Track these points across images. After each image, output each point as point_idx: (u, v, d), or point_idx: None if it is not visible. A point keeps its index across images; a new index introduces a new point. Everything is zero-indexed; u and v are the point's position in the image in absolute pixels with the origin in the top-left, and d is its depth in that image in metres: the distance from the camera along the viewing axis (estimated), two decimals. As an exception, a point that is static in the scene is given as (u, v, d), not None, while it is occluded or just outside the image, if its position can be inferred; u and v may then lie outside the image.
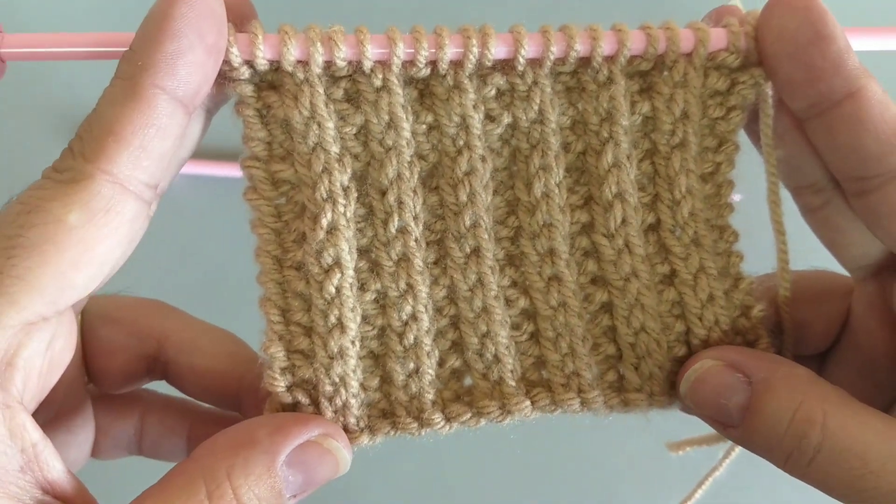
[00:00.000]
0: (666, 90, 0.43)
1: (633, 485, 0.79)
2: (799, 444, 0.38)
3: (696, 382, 0.42)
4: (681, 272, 0.44)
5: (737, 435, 0.41)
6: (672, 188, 0.44)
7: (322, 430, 0.40)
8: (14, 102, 0.80)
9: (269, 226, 0.42)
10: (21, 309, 0.34)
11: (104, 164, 0.35)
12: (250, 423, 0.40)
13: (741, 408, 0.41)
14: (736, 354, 0.42)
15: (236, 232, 0.44)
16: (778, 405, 0.39)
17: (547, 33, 0.41)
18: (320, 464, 0.39)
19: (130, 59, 0.36)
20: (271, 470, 0.37)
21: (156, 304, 0.49)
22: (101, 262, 0.36)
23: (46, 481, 0.36)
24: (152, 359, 0.48)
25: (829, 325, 0.47)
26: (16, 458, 0.35)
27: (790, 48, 0.40)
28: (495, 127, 0.43)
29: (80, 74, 0.78)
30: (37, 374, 0.36)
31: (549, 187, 0.43)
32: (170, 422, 0.50)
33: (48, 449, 0.36)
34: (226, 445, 0.38)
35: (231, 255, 0.75)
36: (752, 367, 0.41)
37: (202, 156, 0.44)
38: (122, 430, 0.50)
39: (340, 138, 0.41)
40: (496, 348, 0.43)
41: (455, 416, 0.42)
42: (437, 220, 0.43)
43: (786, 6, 0.40)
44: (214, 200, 0.79)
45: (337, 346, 0.41)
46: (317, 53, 0.40)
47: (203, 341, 0.48)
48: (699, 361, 0.43)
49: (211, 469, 0.37)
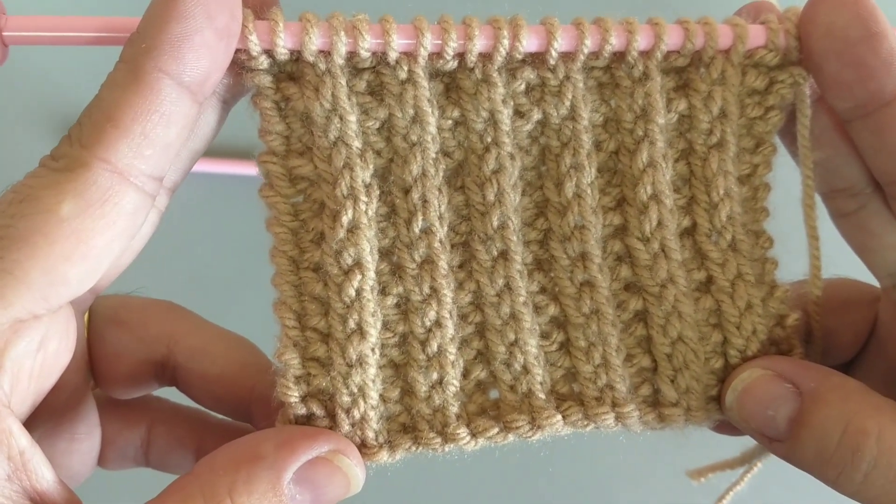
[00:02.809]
0: (703, 87, 0.41)
1: (628, 487, 0.78)
2: (852, 458, 0.36)
3: (744, 392, 0.40)
4: (718, 279, 0.42)
5: (784, 450, 0.39)
6: (709, 190, 0.42)
7: (332, 446, 0.37)
8: (6, 101, 0.78)
9: (286, 224, 0.40)
10: (7, 305, 0.32)
11: (102, 152, 0.33)
12: (255, 436, 0.37)
13: (789, 420, 0.39)
14: (785, 364, 0.41)
15: (246, 232, 0.42)
16: (828, 416, 0.37)
17: (581, 26, 0.39)
18: (330, 483, 0.37)
19: (135, 41, 0.34)
20: (276, 487, 0.35)
21: (166, 305, 0.46)
22: (97, 256, 0.34)
23: (35, 491, 0.33)
24: (161, 364, 0.45)
25: (856, 334, 0.45)
26: (2, 466, 0.32)
27: (839, 45, 0.38)
28: (524, 123, 0.41)
29: (75, 72, 0.75)
30: (27, 376, 0.34)
31: (580, 187, 0.41)
32: (178, 432, 0.47)
33: (37, 456, 0.34)
34: (227, 460, 0.35)
35: (239, 256, 0.74)
36: (802, 377, 0.39)
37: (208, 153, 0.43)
38: (130, 439, 0.47)
39: (363, 133, 0.39)
40: (525, 358, 0.40)
41: (481, 431, 0.40)
42: (462, 221, 0.41)
43: (834, 2, 0.38)
44: (222, 199, 0.77)
45: (356, 353, 0.38)
46: (340, 43, 0.38)
47: (214, 347, 0.45)
48: (747, 370, 0.41)
49: (211, 485, 0.34)
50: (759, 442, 0.41)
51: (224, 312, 0.48)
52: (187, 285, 0.54)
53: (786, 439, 0.39)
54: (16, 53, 0.37)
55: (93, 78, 0.36)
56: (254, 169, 0.40)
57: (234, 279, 0.75)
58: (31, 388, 0.35)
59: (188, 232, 0.71)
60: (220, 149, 0.69)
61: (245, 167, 0.78)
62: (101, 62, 0.36)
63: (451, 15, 0.39)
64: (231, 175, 0.79)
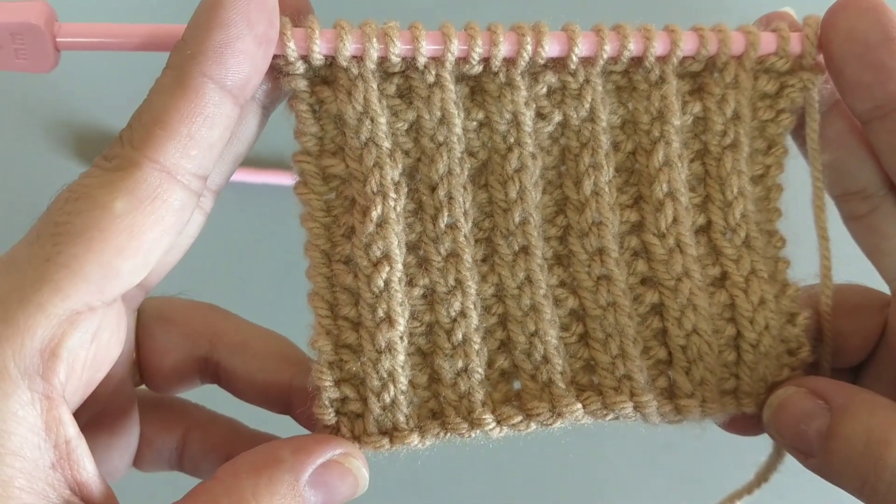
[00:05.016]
0: (717, 91, 0.43)
1: (620, 492, 0.79)
2: (874, 467, 0.38)
3: (779, 408, 0.42)
4: (732, 274, 0.43)
5: (816, 464, 0.41)
6: (724, 189, 0.43)
7: (343, 450, 0.39)
8: (10, 113, 0.80)
9: (319, 220, 0.42)
10: (65, 297, 0.34)
11: (151, 153, 0.35)
12: (272, 444, 0.39)
13: (821, 434, 0.40)
14: (818, 382, 0.42)
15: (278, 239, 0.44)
16: (855, 429, 0.39)
17: (601, 32, 0.41)
18: (342, 483, 0.39)
19: (181, 48, 0.36)
20: (296, 489, 0.37)
21: (209, 306, 0.49)
22: (148, 250, 0.36)
23: (76, 482, 0.35)
24: (204, 360, 0.47)
25: (865, 338, 0.46)
26: (48, 454, 0.34)
27: (860, 49, 0.40)
28: (546, 125, 0.43)
29: (79, 88, 0.78)
30: (81, 366, 0.36)
31: (599, 185, 0.43)
32: (213, 439, 0.49)
33: (81, 447, 0.35)
34: (249, 465, 0.37)
35: (272, 262, 0.76)
36: (833, 394, 0.41)
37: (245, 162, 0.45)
38: (167, 442, 0.49)
39: (392, 134, 0.41)
40: (545, 348, 0.42)
41: (506, 419, 0.41)
42: (485, 217, 0.43)
43: (854, 8, 0.40)
44: (252, 208, 0.79)
45: (385, 340, 0.40)
46: (372, 49, 0.40)
47: (254, 342, 0.47)
48: (782, 388, 0.43)
49: (236, 488, 0.36)
50: (795, 458, 0.43)
51: (258, 314, 0.50)
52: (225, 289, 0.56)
53: (818, 454, 0.40)
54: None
55: (93, 88, 0.38)
56: (281, 178, 0.42)
57: (268, 283, 0.77)
58: (83, 378, 0.36)
59: (224, 241, 0.73)
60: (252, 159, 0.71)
61: (272, 177, 0.79)
62: (99, 72, 0.38)
63: (453, 21, 0.41)
64: (261, 185, 0.80)
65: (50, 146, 0.79)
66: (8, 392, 0.33)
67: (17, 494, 0.33)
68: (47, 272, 0.34)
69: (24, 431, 0.33)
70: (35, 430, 0.34)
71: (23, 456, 0.33)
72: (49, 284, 0.34)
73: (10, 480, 0.33)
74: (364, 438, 0.40)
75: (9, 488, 0.32)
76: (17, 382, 0.33)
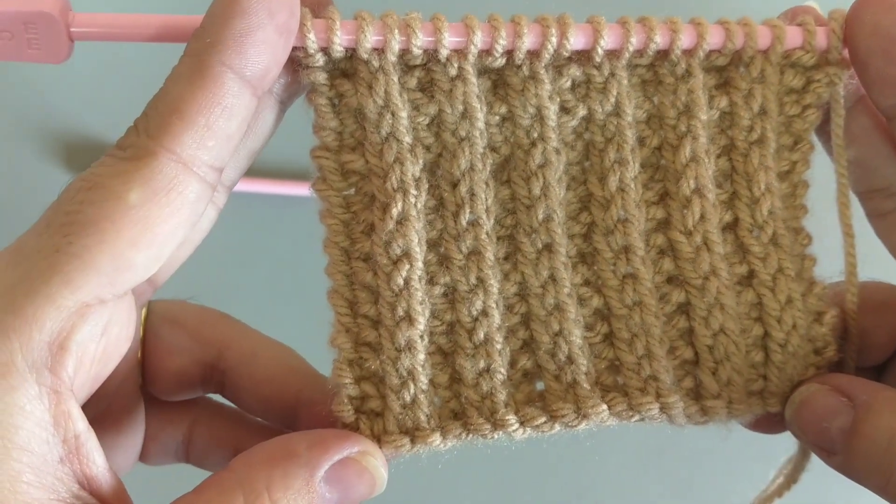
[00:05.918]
0: (744, 85, 0.42)
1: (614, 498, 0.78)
2: None
3: (801, 405, 0.41)
4: (759, 273, 0.43)
5: (838, 463, 0.40)
6: (751, 185, 0.43)
7: (361, 448, 0.38)
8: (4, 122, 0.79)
9: (338, 216, 0.41)
10: (76, 289, 0.33)
11: (168, 142, 0.34)
12: (289, 437, 0.38)
13: (843, 432, 0.39)
14: (842, 379, 0.42)
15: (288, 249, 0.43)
16: (878, 426, 0.38)
17: (627, 24, 0.40)
18: (359, 482, 0.38)
19: (199, 36, 0.35)
20: (310, 485, 0.36)
21: (220, 313, 0.48)
22: (162, 243, 0.35)
23: (85, 476, 0.34)
24: (211, 367, 0.46)
25: (890, 336, 0.46)
26: (57, 448, 0.33)
27: (885, 44, 0.40)
28: (570, 119, 0.42)
29: (69, 97, 0.76)
30: (90, 360, 0.35)
31: (624, 182, 0.42)
32: (219, 432, 0.48)
33: (91, 441, 0.34)
34: (264, 457, 0.36)
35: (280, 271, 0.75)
36: (857, 391, 0.40)
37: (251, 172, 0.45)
38: (172, 435, 0.48)
39: (413, 128, 0.40)
40: (569, 348, 0.41)
41: (529, 420, 0.40)
42: (508, 214, 0.42)
43: (879, 3, 0.40)
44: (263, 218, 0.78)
45: (404, 338, 0.39)
46: (394, 41, 0.39)
47: (263, 352, 0.46)
48: (805, 385, 0.42)
49: (249, 480, 0.35)
50: (817, 455, 0.42)
51: (264, 326, 0.49)
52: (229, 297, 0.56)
53: (840, 451, 0.40)
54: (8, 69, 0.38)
55: (83, 98, 0.37)
56: (297, 189, 0.41)
57: (274, 294, 0.77)
58: (91, 372, 0.35)
59: (229, 250, 0.72)
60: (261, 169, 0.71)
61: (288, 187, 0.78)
62: (94, 77, 0.37)
63: (473, 13, 0.40)
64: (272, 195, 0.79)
65: (40, 156, 0.78)
66: (15, 386, 0.32)
67: (25, 489, 0.32)
68: (57, 263, 0.33)
69: (32, 426, 0.32)
70: (43, 424, 0.33)
71: (30, 451, 0.32)
72: (59, 275, 0.33)
73: (18, 475, 0.32)
74: (384, 438, 0.39)
75: (17, 483, 0.32)
76: (24, 376, 0.32)
